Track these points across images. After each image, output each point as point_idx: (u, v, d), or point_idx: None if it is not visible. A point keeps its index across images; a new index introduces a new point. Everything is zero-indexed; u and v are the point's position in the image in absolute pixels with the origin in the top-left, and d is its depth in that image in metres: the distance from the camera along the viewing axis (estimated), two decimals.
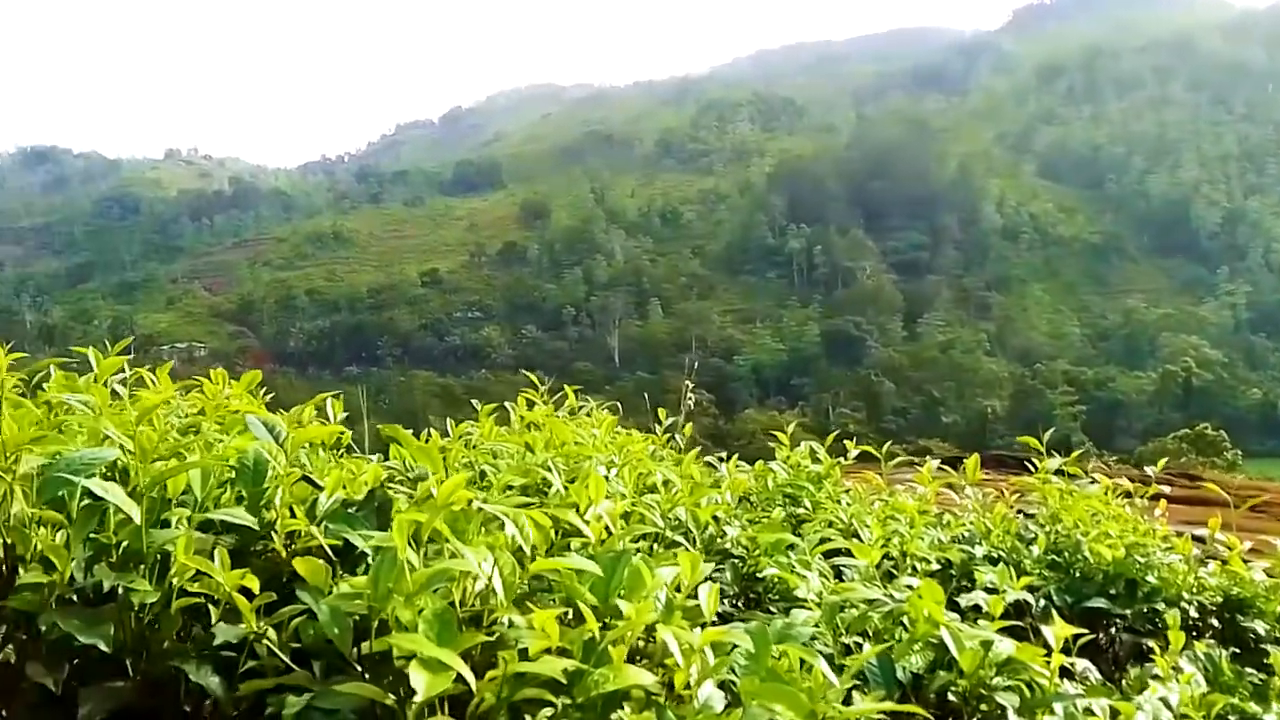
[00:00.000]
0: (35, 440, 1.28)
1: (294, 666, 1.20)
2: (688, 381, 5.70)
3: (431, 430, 2.54)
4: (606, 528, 1.46)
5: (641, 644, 1.22)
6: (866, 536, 2.40)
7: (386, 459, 2.39)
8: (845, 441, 3.19)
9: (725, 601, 1.99)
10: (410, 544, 1.27)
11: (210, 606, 1.33)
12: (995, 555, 2.84)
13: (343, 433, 1.77)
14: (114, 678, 1.29)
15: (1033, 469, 3.47)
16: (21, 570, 1.34)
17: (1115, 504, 3.29)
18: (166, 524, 1.38)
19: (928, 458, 4.01)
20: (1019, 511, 3.50)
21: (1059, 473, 3.34)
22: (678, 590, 1.38)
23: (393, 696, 1.00)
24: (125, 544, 1.26)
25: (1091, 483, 3.41)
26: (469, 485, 1.83)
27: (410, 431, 2.08)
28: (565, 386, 2.74)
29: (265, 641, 1.18)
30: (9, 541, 1.30)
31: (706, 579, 1.30)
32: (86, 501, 1.22)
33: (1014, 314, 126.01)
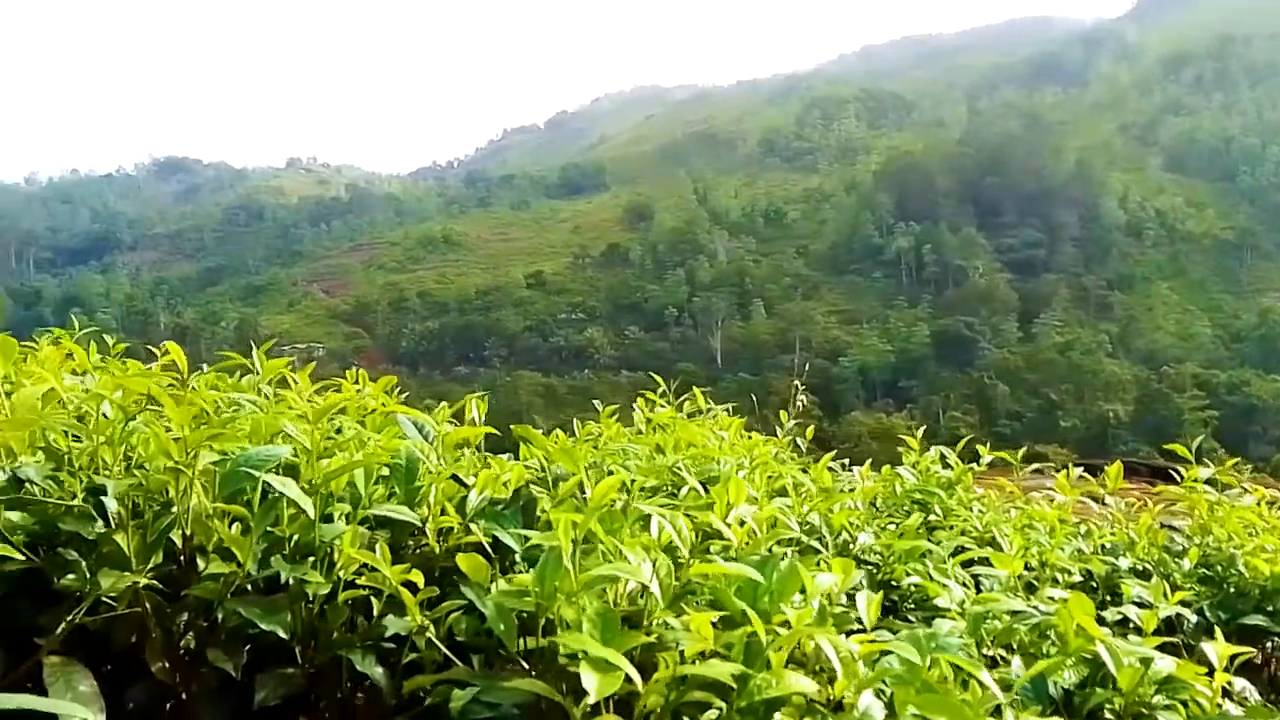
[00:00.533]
0: (213, 437, 1.35)
1: (455, 660, 1.23)
2: (796, 383, 5.64)
3: (558, 431, 2.58)
4: (751, 531, 1.45)
5: (795, 650, 1.21)
6: (1005, 545, 2.32)
7: (515, 458, 2.44)
8: (979, 447, 3.09)
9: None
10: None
11: (373, 599, 1.37)
12: (1141, 568, 2.71)
13: (490, 432, 1.81)
14: (284, 665, 1.35)
15: (1172, 477, 3.29)
16: (200, 560, 1.41)
17: (1271, 516, 3.09)
18: (328, 518, 1.44)
19: (1049, 465, 3.86)
20: (1161, 524, 3.33)
21: (1208, 482, 3.16)
22: (827, 597, 1.36)
23: (560, 694, 1.01)
24: (296, 537, 1.32)
25: (1243, 493, 3.21)
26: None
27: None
28: (694, 388, 2.74)
29: (428, 635, 1.22)
30: (188, 533, 1.37)
31: (862, 588, 1.28)
32: (265, 497, 1.28)
33: (1138, 314, 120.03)
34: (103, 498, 1.22)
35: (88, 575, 1.24)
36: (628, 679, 0.97)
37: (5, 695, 0.80)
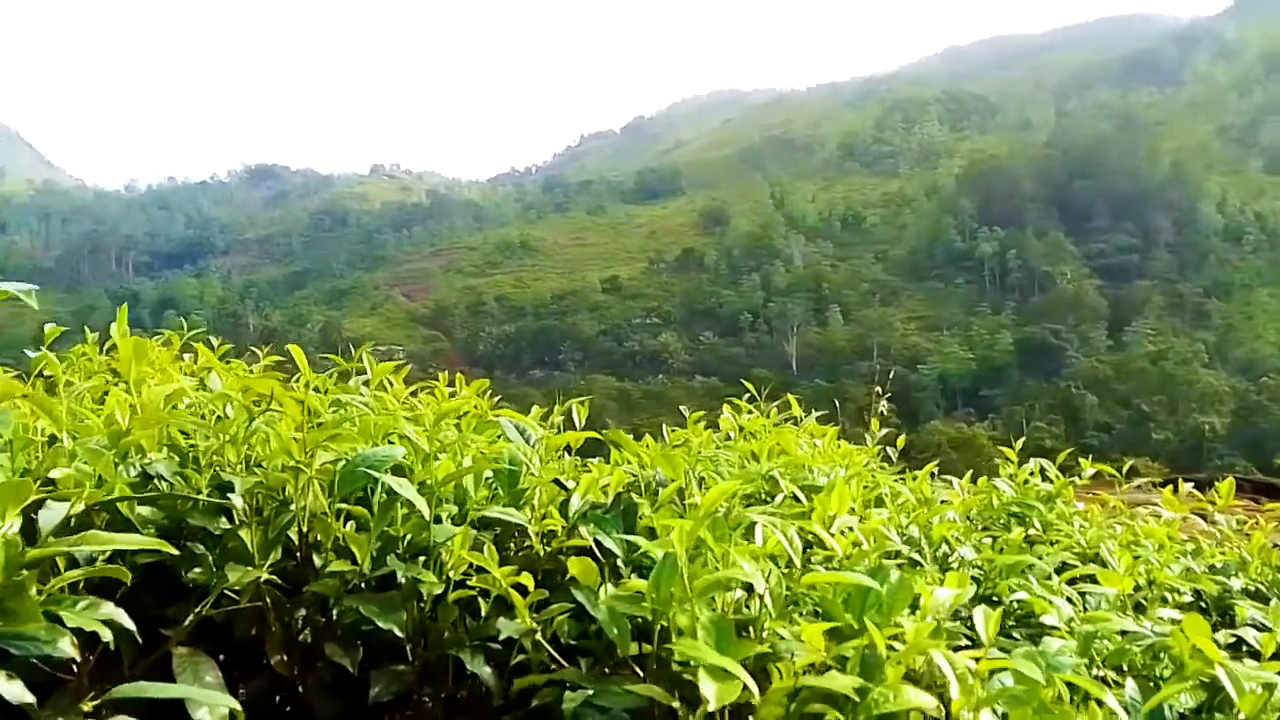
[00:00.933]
0: (330, 438, 1.39)
1: (563, 663, 1.24)
2: (877, 389, 5.54)
3: (648, 438, 2.58)
4: (856, 542, 1.43)
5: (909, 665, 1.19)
6: (1112, 562, 2.24)
7: (605, 462, 2.45)
8: (1080, 460, 2.99)
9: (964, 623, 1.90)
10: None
11: (480, 600, 1.39)
12: (1254, 589, 2.58)
13: (591, 436, 1.82)
14: (395, 662, 1.38)
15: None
16: (315, 557, 1.45)
17: None
18: (437, 519, 1.46)
19: (1145, 479, 3.71)
20: (1274, 543, 3.17)
21: None
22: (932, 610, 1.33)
23: (678, 700, 1.01)
24: (409, 537, 1.35)
25: None
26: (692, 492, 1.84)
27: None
28: (789, 395, 2.72)
29: (538, 637, 1.23)
30: (304, 530, 1.40)
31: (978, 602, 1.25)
32: (384, 497, 1.31)
33: (1236, 322, 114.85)
34: (229, 494, 1.26)
35: (214, 569, 1.28)
36: (744, 688, 0.97)
37: (158, 685, 0.84)
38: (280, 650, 1.31)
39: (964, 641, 1.52)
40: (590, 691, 1.07)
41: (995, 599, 2.09)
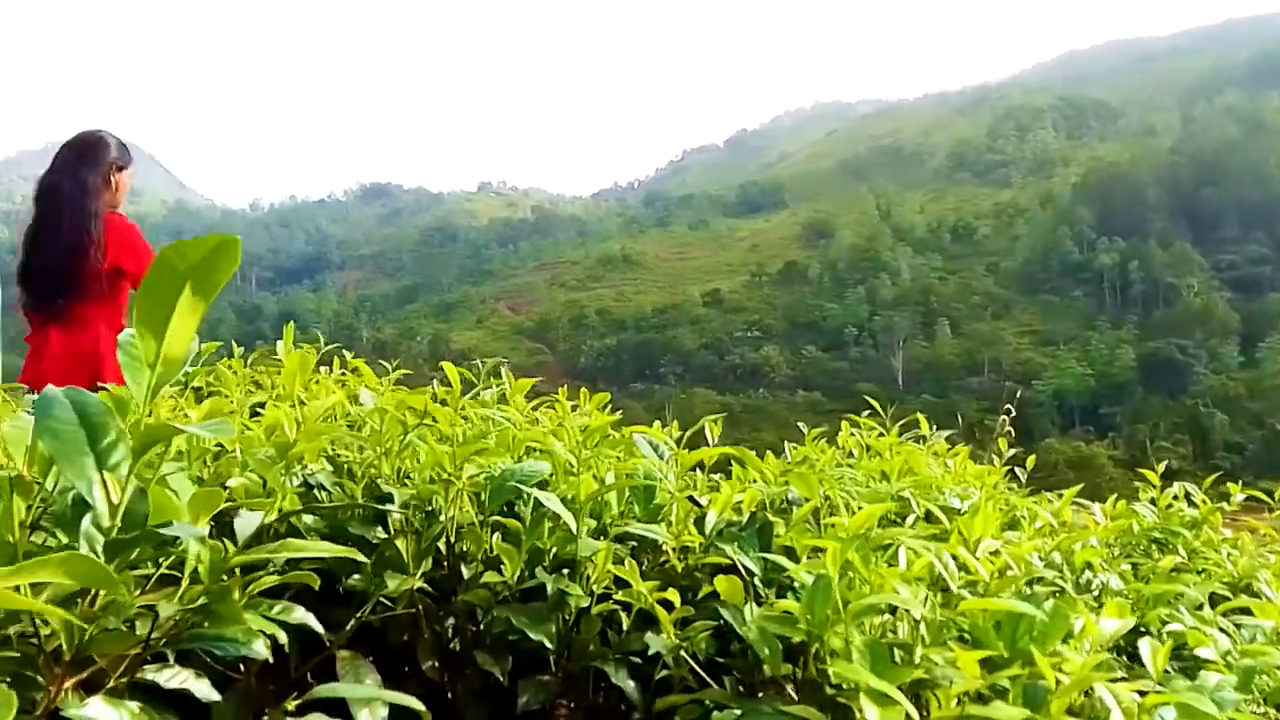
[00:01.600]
0: (478, 451, 1.43)
1: (709, 681, 1.24)
2: (1008, 407, 5.37)
3: (769, 453, 2.57)
4: (1004, 568, 1.39)
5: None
6: (1269, 593, 2.12)
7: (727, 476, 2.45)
8: (1229, 485, 2.83)
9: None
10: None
11: (622, 614, 1.41)
12: None
13: (730, 453, 1.83)
14: (539, 672, 1.40)
15: None
16: (463, 568, 1.50)
17: None
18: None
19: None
20: None
21: None
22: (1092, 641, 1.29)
23: None
24: (555, 551, 1.38)
25: None
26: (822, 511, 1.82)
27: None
28: (919, 414, 2.67)
29: (683, 653, 1.24)
30: (451, 541, 1.45)
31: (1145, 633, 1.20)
32: (531, 510, 1.34)
33: None
34: (387, 505, 1.32)
35: (371, 576, 1.33)
36: (906, 715, 0.95)
37: (350, 687, 0.88)
38: (432, 657, 1.36)
39: (1119, 673, 1.46)
40: (738, 711, 1.07)
41: (1143, 629, 2.00)
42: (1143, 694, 1.16)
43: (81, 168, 4.11)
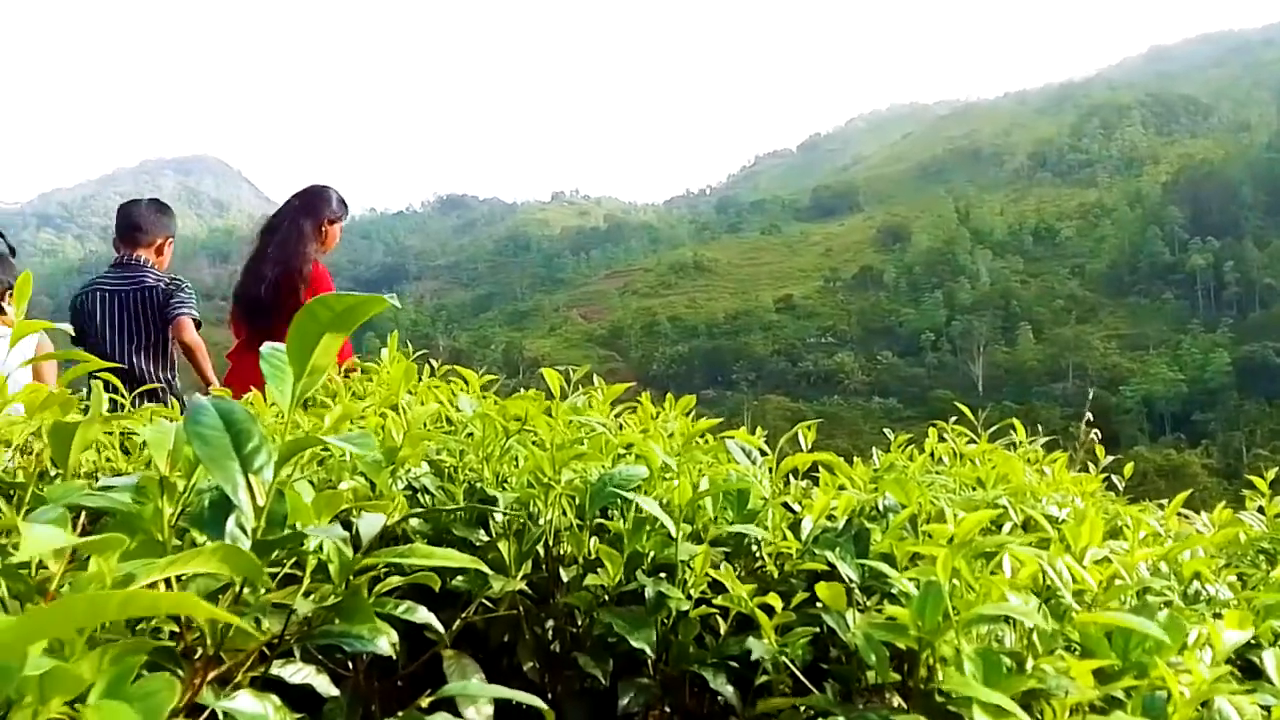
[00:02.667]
0: (576, 456, 1.46)
1: (810, 686, 1.24)
2: (1088, 414, 5.23)
3: (856, 460, 2.54)
4: (1114, 576, 1.36)
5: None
6: None
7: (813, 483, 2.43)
8: None
9: None
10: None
11: (719, 618, 1.42)
12: None
13: (820, 460, 1.82)
14: (635, 674, 1.42)
15: None
16: (562, 571, 1.52)
17: None
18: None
19: None
20: None
21: None
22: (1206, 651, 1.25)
23: None
24: (653, 554, 1.39)
25: None
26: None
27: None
28: (1014, 420, 2.61)
29: (783, 658, 1.24)
30: (550, 544, 1.47)
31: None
32: (631, 514, 1.36)
33: None
34: (492, 509, 1.35)
35: (475, 578, 1.37)
36: None
37: (479, 685, 0.91)
38: (533, 657, 1.39)
39: (1237, 687, 1.41)
40: (843, 718, 1.07)
41: (1254, 641, 1.93)
42: (1266, 708, 1.12)
43: (301, 216, 4.69)
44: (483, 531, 1.47)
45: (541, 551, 1.53)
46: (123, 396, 1.77)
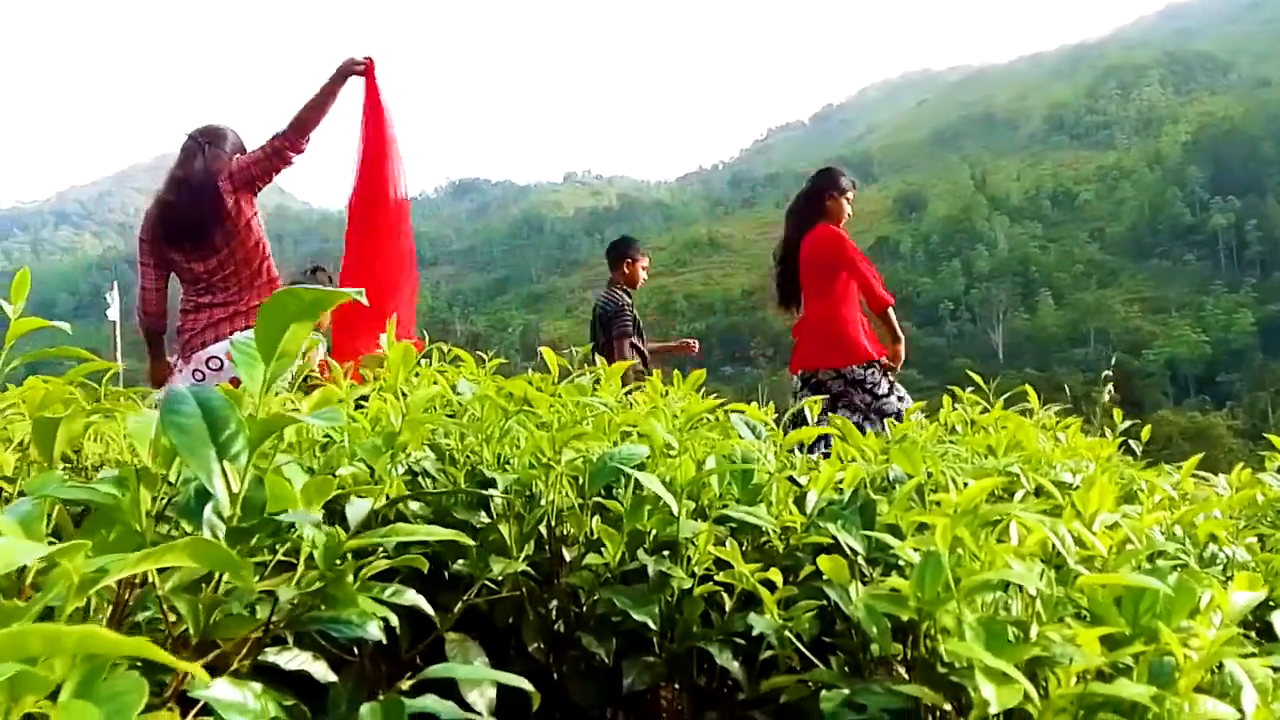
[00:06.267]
0: (576, 436, 1.45)
1: (815, 660, 1.23)
2: (1107, 373, 5.19)
3: (869, 430, 2.52)
4: (1124, 541, 1.33)
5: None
6: None
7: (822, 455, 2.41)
8: None
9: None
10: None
11: (724, 595, 1.41)
12: None
13: (829, 432, 1.80)
14: (641, 653, 1.41)
15: None
16: (564, 551, 1.51)
17: None
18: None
19: None
20: None
21: None
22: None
23: (950, 704, 0.98)
24: (655, 533, 1.38)
25: None
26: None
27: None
28: (1027, 386, 2.58)
29: (787, 634, 1.23)
30: (552, 525, 1.46)
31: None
32: (631, 493, 1.35)
33: None
34: (490, 490, 1.34)
35: (477, 560, 1.36)
36: (1024, 694, 0.92)
37: (463, 667, 0.90)
38: (537, 638, 1.38)
39: (1249, 649, 1.39)
40: (847, 691, 1.05)
41: (1272, 604, 1.89)
42: (1277, 669, 1.10)
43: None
44: (484, 513, 1.46)
45: (544, 532, 1.52)
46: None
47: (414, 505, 1.45)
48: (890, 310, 5.08)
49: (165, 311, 4.01)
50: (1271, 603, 1.96)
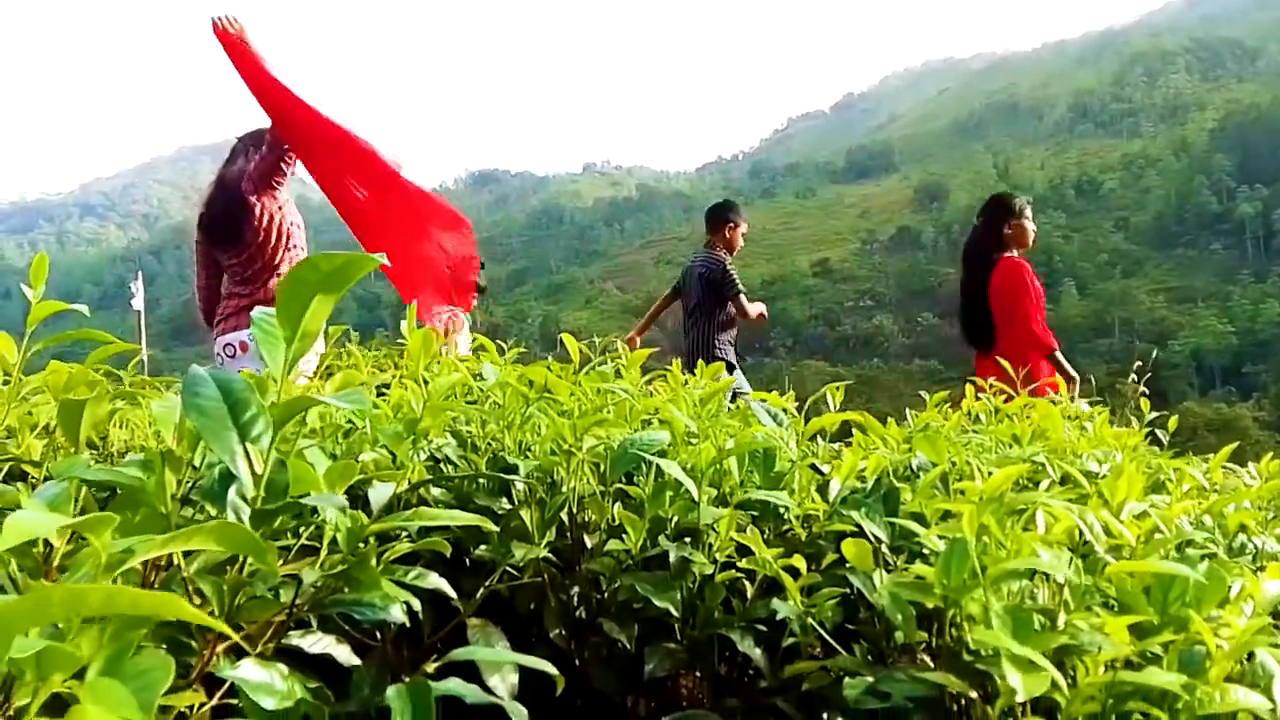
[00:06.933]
0: (598, 423, 1.44)
1: (838, 648, 1.22)
2: (1139, 362, 5.14)
3: (890, 420, 2.50)
4: (1154, 529, 1.31)
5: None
6: None
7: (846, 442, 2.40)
8: None
9: None
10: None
11: (746, 582, 1.40)
12: None
13: (851, 419, 1.79)
14: (663, 640, 1.41)
15: None
16: (586, 537, 1.51)
17: None
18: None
19: None
20: None
21: None
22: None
23: (976, 692, 0.97)
24: (677, 519, 1.37)
25: None
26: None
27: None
28: (1056, 377, 2.55)
29: (810, 620, 1.22)
30: (574, 511, 1.46)
31: None
32: (652, 479, 1.34)
33: None
34: (512, 477, 1.34)
35: (499, 546, 1.36)
36: (1052, 682, 0.91)
37: (484, 650, 0.90)
38: (559, 624, 1.38)
39: (1276, 636, 1.37)
40: (870, 678, 1.04)
41: None
42: None
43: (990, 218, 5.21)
44: (505, 500, 1.46)
45: (565, 518, 1.52)
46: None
47: (436, 491, 1.46)
48: (1053, 353, 4.79)
49: (215, 306, 4.21)
50: None
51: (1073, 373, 4.74)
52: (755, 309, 6.59)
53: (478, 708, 0.97)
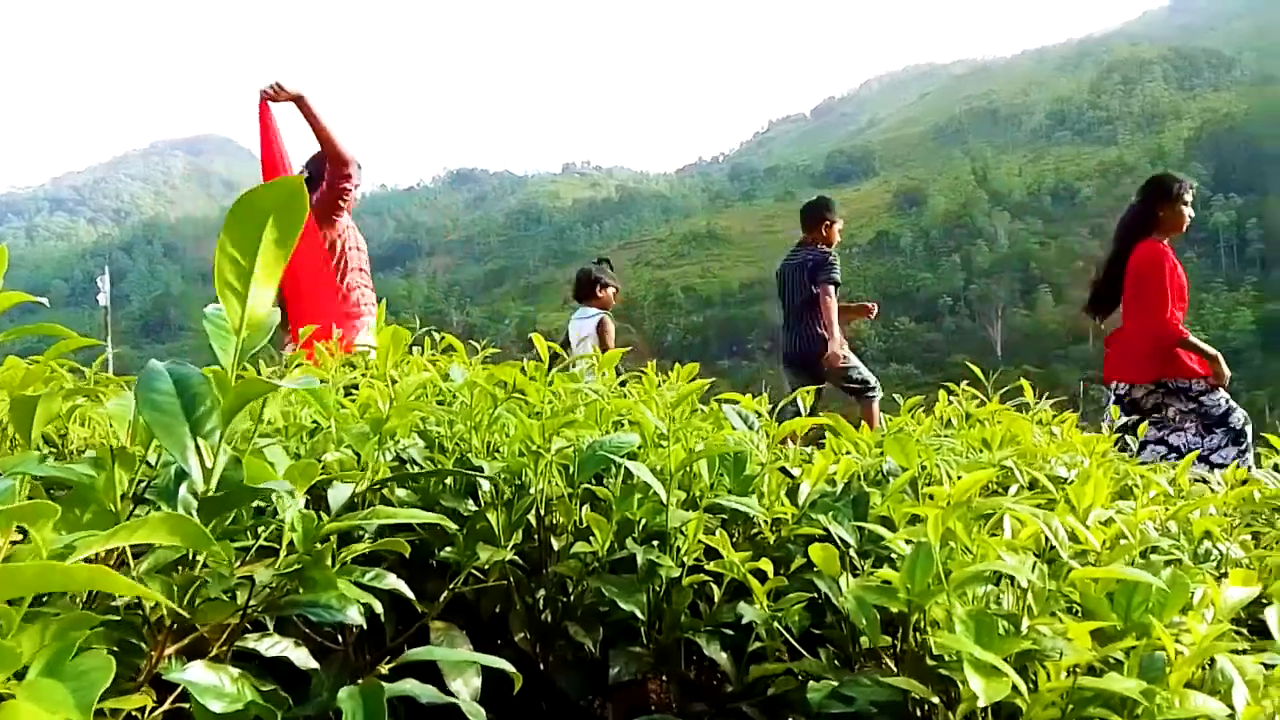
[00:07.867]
0: (567, 424, 1.43)
1: (803, 652, 1.21)
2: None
3: (863, 423, 2.50)
4: (1119, 535, 1.32)
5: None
6: None
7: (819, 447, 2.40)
8: None
9: None
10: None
11: (713, 585, 1.40)
12: None
13: (823, 423, 1.79)
14: (629, 643, 1.40)
15: None
16: (553, 539, 1.50)
17: None
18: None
19: None
20: None
21: None
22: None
23: (939, 697, 0.97)
24: (644, 521, 1.36)
25: None
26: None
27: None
28: (1023, 380, 2.56)
29: (776, 624, 1.21)
30: (541, 513, 1.45)
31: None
32: (620, 481, 1.34)
33: None
34: (479, 477, 1.32)
35: (464, 549, 1.35)
36: (1013, 687, 0.91)
37: (443, 650, 0.89)
38: (524, 628, 1.37)
39: (1242, 645, 1.38)
40: (835, 683, 1.04)
41: (1266, 600, 1.88)
42: (1269, 666, 1.09)
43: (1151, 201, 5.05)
44: (471, 501, 1.45)
45: (532, 521, 1.51)
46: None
47: (400, 492, 1.44)
48: (1185, 339, 4.85)
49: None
50: (1265, 599, 1.95)
51: (1212, 350, 4.79)
52: (832, 310, 6.60)
53: (447, 713, 0.96)
